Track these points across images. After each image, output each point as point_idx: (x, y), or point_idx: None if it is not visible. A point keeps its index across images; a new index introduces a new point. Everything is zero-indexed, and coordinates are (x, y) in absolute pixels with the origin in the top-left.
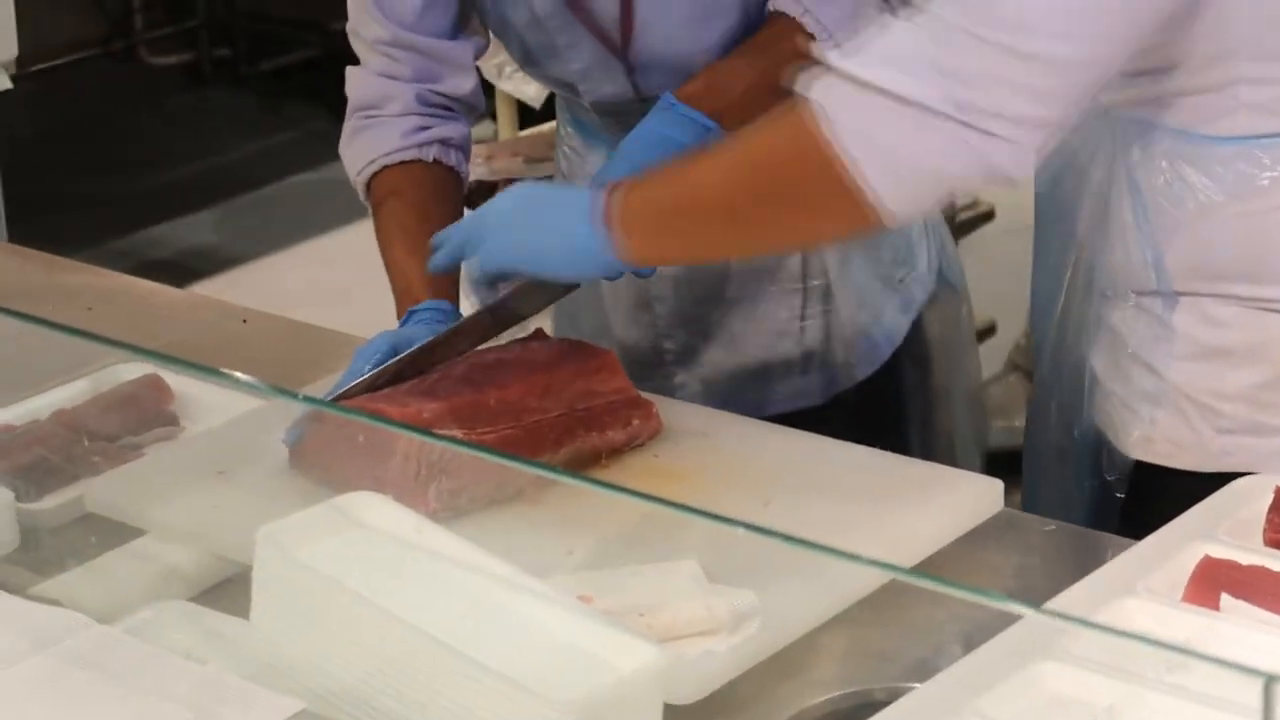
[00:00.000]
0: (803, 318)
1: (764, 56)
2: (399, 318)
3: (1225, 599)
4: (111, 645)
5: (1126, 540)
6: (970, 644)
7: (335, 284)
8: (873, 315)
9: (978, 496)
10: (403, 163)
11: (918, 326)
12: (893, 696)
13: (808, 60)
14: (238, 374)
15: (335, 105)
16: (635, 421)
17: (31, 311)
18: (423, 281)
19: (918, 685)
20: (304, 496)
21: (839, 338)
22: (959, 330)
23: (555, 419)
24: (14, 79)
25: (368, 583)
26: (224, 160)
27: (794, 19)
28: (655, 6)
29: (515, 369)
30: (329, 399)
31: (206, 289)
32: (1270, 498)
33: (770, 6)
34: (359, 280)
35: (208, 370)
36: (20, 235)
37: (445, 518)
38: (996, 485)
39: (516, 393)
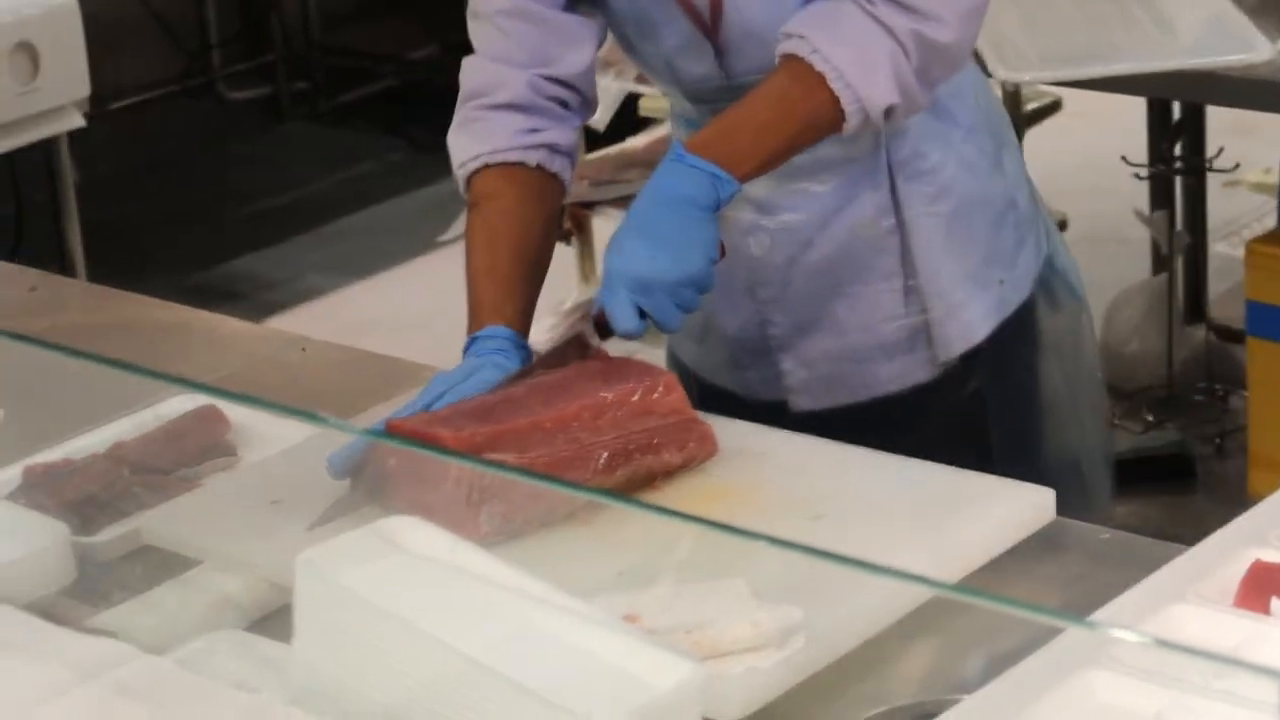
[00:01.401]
0: (905, 301)
1: (774, 102)
2: (468, 334)
3: (1276, 603)
4: (159, 676)
5: (1180, 546)
6: (1020, 655)
7: (414, 314)
8: (960, 311)
9: (1030, 507)
10: (505, 164)
11: (1019, 320)
12: (941, 710)
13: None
14: (289, 406)
15: (413, 136)
16: (691, 444)
17: (94, 346)
18: (491, 305)
19: (966, 698)
20: (357, 523)
21: (932, 330)
22: (1078, 340)
23: (611, 441)
24: (91, 117)
25: (408, 606)
26: (303, 193)
27: (803, 60)
28: None
29: (573, 390)
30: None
31: (286, 321)
32: None
33: (778, 51)
34: (438, 309)
35: (261, 401)
36: (100, 273)
37: (497, 541)
38: (1048, 494)
39: (573, 415)
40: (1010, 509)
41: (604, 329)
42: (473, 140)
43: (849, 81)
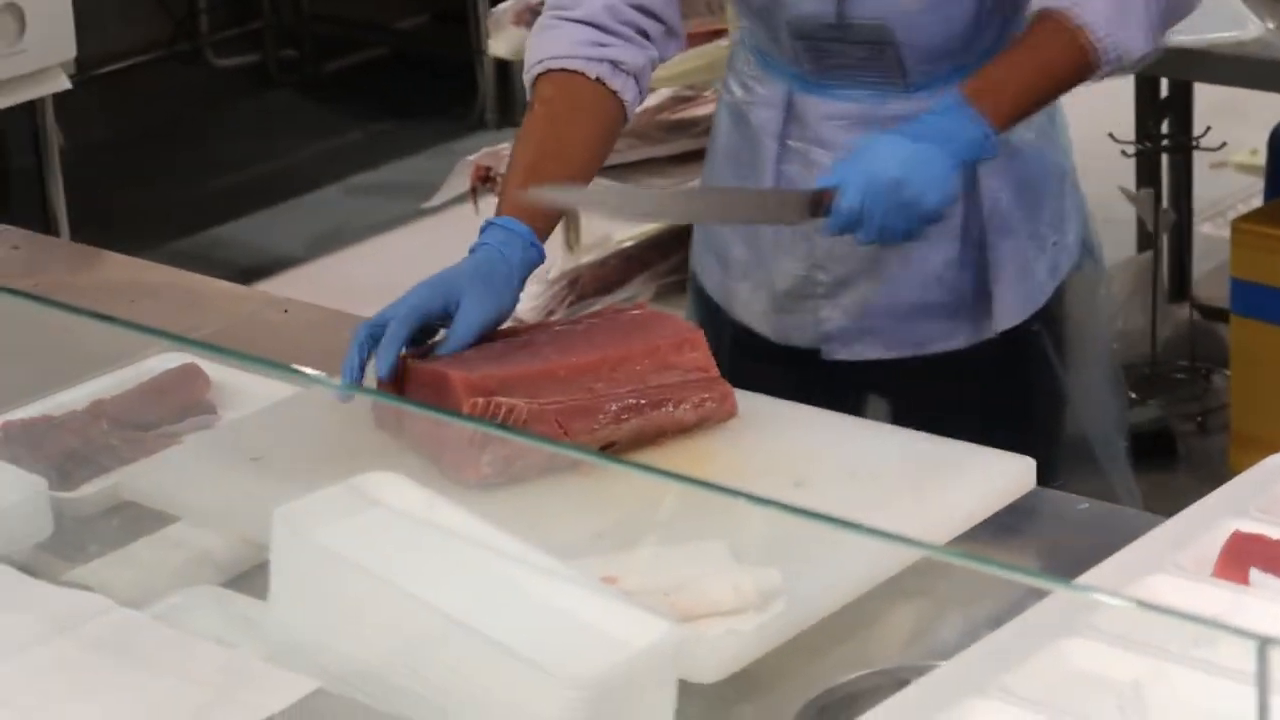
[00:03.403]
0: (959, 265)
1: (1035, 56)
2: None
3: (1255, 574)
4: (134, 629)
5: (1158, 517)
6: (998, 622)
7: (397, 281)
8: (1022, 272)
9: (1010, 475)
10: (566, 70)
11: (1060, 294)
12: (919, 675)
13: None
14: (272, 361)
15: (399, 105)
16: (709, 404)
17: (75, 304)
18: (510, 201)
19: (943, 663)
20: (336, 480)
21: (988, 289)
22: (1095, 306)
23: (625, 393)
24: (78, 81)
25: (384, 562)
26: (289, 161)
27: (1061, 14)
28: None
29: (597, 340)
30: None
31: (269, 286)
32: None
33: (1034, 4)
34: (421, 277)
35: (243, 357)
36: (84, 236)
37: (496, 483)
38: (1029, 463)
39: (590, 365)
40: (990, 477)
41: (815, 208)
42: (542, 45)
43: (1109, 32)
